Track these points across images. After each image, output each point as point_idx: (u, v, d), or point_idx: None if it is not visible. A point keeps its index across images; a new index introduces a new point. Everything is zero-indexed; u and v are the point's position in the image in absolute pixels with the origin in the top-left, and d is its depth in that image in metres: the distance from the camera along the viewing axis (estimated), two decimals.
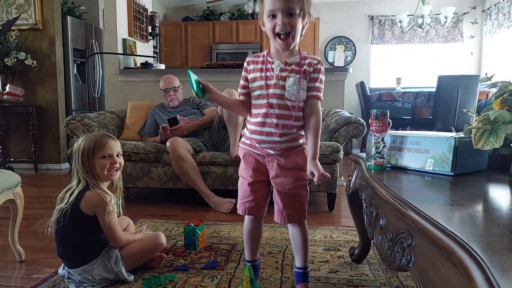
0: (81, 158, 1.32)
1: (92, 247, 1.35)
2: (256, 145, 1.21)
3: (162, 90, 2.79)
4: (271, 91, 1.16)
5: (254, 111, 1.21)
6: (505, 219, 0.71)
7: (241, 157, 1.27)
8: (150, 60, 3.80)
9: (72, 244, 1.33)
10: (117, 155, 1.38)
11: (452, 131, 1.18)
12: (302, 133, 1.22)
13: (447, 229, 0.62)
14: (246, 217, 1.31)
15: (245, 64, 1.24)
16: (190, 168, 2.36)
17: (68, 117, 2.64)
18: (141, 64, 3.62)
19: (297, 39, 1.15)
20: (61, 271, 1.39)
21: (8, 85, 3.77)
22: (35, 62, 3.85)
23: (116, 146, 1.38)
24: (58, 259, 1.38)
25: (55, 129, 4.02)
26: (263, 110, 1.17)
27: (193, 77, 1.14)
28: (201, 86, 1.17)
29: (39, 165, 3.95)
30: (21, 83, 3.94)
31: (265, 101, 1.17)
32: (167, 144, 2.38)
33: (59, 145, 4.04)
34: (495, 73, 1.17)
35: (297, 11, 1.10)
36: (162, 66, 3.80)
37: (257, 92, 1.19)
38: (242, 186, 1.26)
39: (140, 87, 3.42)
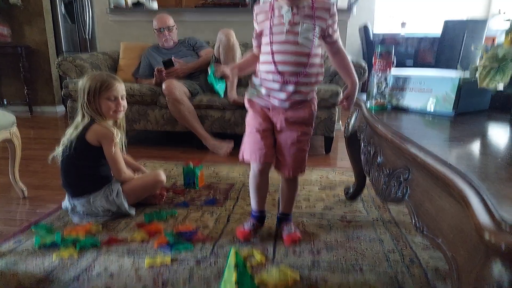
0: (87, 97, 1.36)
1: (94, 177, 1.40)
2: (264, 97, 1.16)
3: (155, 30, 2.66)
4: (284, 37, 1.07)
5: (264, 58, 1.13)
6: (503, 153, 0.72)
7: (247, 107, 1.22)
8: None
9: (76, 173, 1.39)
10: (122, 98, 1.42)
11: (458, 69, 1.15)
12: (315, 86, 1.16)
13: (446, 161, 0.62)
14: (254, 170, 1.22)
15: (254, 16, 1.15)
16: (187, 111, 2.33)
17: (59, 58, 2.54)
18: (132, 3, 3.41)
19: None
20: (64, 204, 1.44)
21: None
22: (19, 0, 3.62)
23: (121, 89, 1.42)
24: (61, 196, 1.42)
25: (47, 71, 3.90)
26: (276, 58, 1.09)
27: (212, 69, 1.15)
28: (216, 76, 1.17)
29: (34, 107, 3.90)
30: (7, 23, 3.74)
31: (277, 47, 1.09)
32: (163, 86, 2.32)
33: (53, 87, 3.94)
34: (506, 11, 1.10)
35: None
36: (155, 5, 3.59)
37: (267, 40, 1.11)
38: (252, 135, 1.18)
39: (133, 28, 3.26)
